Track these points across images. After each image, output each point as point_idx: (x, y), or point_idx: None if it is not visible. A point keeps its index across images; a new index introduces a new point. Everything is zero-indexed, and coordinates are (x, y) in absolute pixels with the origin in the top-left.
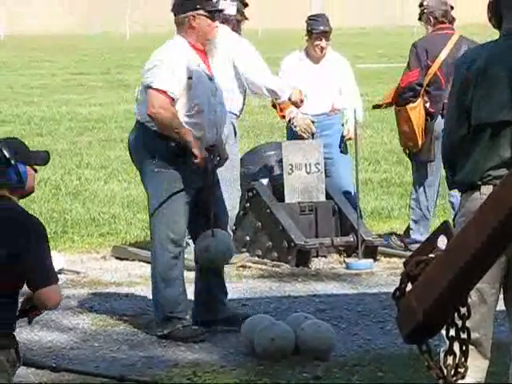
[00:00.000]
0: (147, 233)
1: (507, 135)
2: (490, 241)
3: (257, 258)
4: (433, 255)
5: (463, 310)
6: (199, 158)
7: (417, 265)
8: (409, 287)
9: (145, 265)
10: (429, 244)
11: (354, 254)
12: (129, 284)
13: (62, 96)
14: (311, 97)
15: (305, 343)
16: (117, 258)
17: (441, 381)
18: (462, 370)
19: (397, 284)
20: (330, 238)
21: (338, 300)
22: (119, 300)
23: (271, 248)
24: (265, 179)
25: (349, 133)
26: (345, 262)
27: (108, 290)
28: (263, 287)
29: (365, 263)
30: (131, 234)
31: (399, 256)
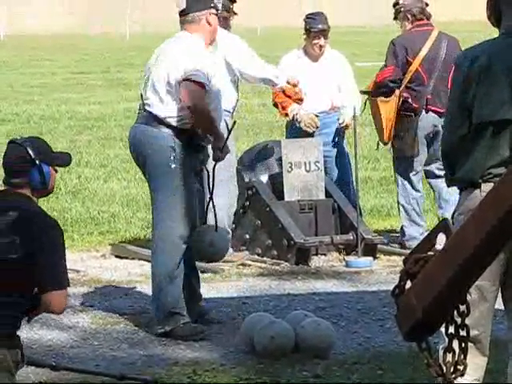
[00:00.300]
0: (147, 231)
1: (508, 134)
2: (489, 238)
3: (256, 257)
4: (432, 253)
5: (462, 308)
6: (224, 153)
7: (416, 262)
8: (408, 285)
9: (144, 263)
10: (428, 242)
11: (354, 252)
12: (128, 282)
13: (62, 95)
14: (310, 95)
15: (304, 341)
16: (116, 257)
17: (440, 378)
18: (461, 368)
19: (396, 282)
20: (330, 236)
21: (338, 298)
22: (119, 298)
23: (271, 246)
24: (264, 177)
25: (344, 121)
26: (344, 260)
27: (108, 289)
28: (263, 285)
29: (364, 261)
30: (131, 233)
31: (399, 254)
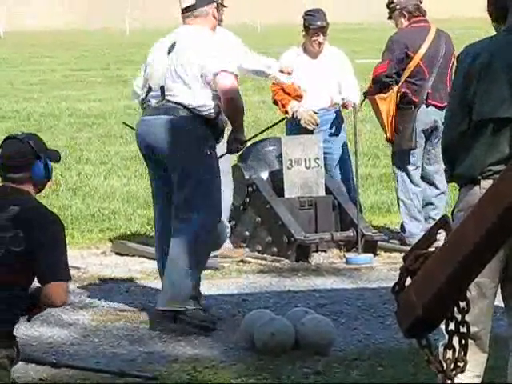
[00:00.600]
0: (147, 228)
1: (508, 131)
2: (489, 235)
3: (256, 253)
4: (432, 249)
5: (462, 304)
6: (243, 146)
7: (416, 259)
8: (408, 282)
9: (145, 260)
10: (428, 238)
11: (354, 249)
12: (129, 279)
13: (62, 92)
14: (310, 92)
15: (305, 338)
16: (117, 254)
17: (440, 375)
18: (462, 364)
19: (396, 279)
20: (330, 233)
21: (338, 295)
22: (119, 295)
23: (271, 243)
24: (264, 174)
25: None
26: (345, 257)
27: (108, 286)
28: (263, 282)
29: (364, 258)
30: (131, 230)
31: (399, 251)
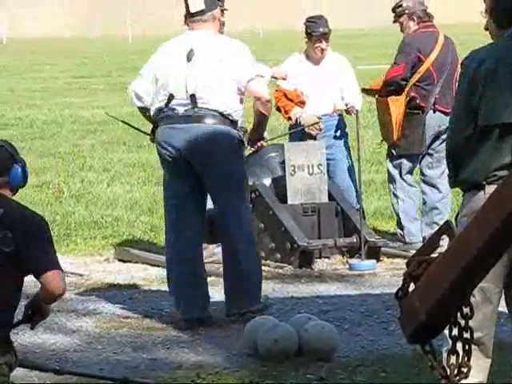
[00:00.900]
0: (150, 235)
1: None
2: (492, 240)
3: None
4: (435, 255)
5: (466, 310)
6: (259, 148)
7: (419, 265)
8: (412, 287)
9: (148, 267)
10: (431, 244)
11: (357, 255)
12: (132, 286)
13: (64, 99)
14: (312, 98)
15: (308, 344)
16: (120, 261)
17: (444, 380)
18: (465, 370)
19: (400, 284)
20: (333, 239)
21: (341, 301)
22: (122, 302)
23: (274, 249)
24: (267, 181)
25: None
26: (348, 263)
27: (111, 293)
28: (266, 288)
29: (368, 264)
30: (134, 237)
31: (402, 256)
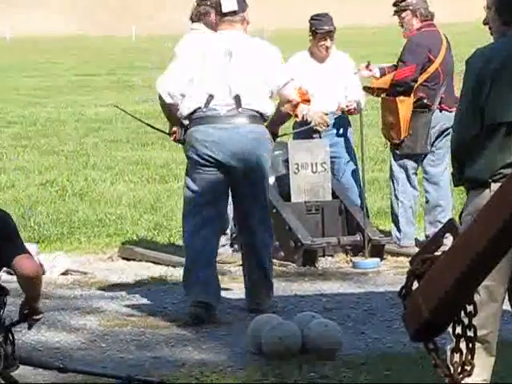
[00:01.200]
0: (154, 233)
1: None
2: (495, 239)
3: None
4: (438, 253)
5: (469, 308)
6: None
7: (423, 263)
8: (415, 285)
9: (151, 265)
10: (434, 242)
11: (361, 253)
12: (136, 284)
13: (68, 97)
14: (317, 96)
15: (312, 342)
16: (123, 259)
17: (447, 379)
18: (469, 368)
19: (403, 283)
20: (337, 238)
21: (345, 299)
22: (126, 300)
23: (278, 247)
24: (271, 179)
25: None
26: (351, 262)
27: (115, 291)
28: None
29: (371, 262)
30: (138, 235)
31: (406, 255)
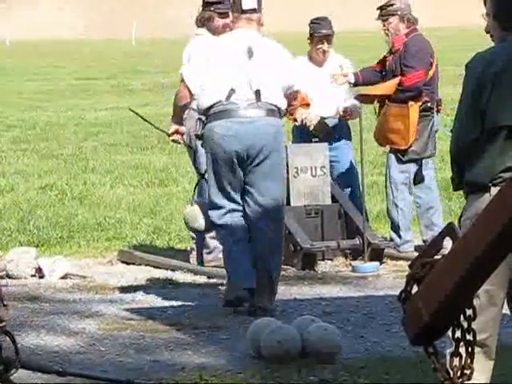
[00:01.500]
0: (153, 237)
1: None
2: (495, 242)
3: None
4: (438, 257)
5: (469, 312)
6: None
7: (422, 267)
8: (415, 289)
9: (151, 269)
10: (434, 246)
11: (360, 257)
12: (135, 288)
13: (68, 101)
14: (316, 100)
15: (311, 346)
16: (123, 263)
17: (447, 382)
18: (468, 372)
19: (403, 286)
20: (336, 241)
21: (345, 303)
22: (125, 304)
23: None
24: None
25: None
26: (351, 265)
27: (114, 295)
28: None
29: (371, 266)
30: (137, 239)
31: (405, 258)
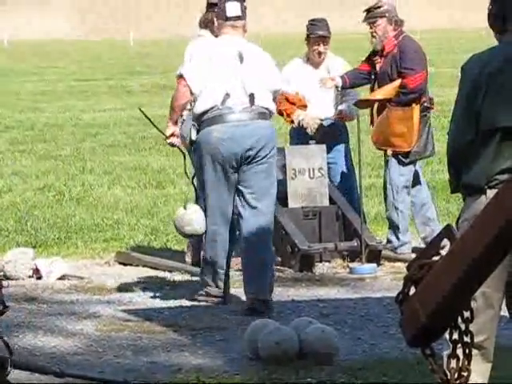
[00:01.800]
0: (151, 238)
1: None
2: (491, 245)
3: None
4: (436, 259)
5: (466, 314)
6: None
7: (420, 268)
8: (412, 291)
9: (149, 270)
10: (432, 247)
11: (358, 259)
12: (132, 289)
13: (66, 102)
14: (313, 102)
15: (309, 347)
16: (120, 264)
17: None
18: (466, 374)
19: (400, 288)
20: (334, 243)
21: (342, 305)
22: (123, 305)
23: (275, 253)
24: None
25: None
26: (348, 267)
27: (112, 296)
28: None
29: (368, 268)
30: (135, 240)
31: (403, 260)
